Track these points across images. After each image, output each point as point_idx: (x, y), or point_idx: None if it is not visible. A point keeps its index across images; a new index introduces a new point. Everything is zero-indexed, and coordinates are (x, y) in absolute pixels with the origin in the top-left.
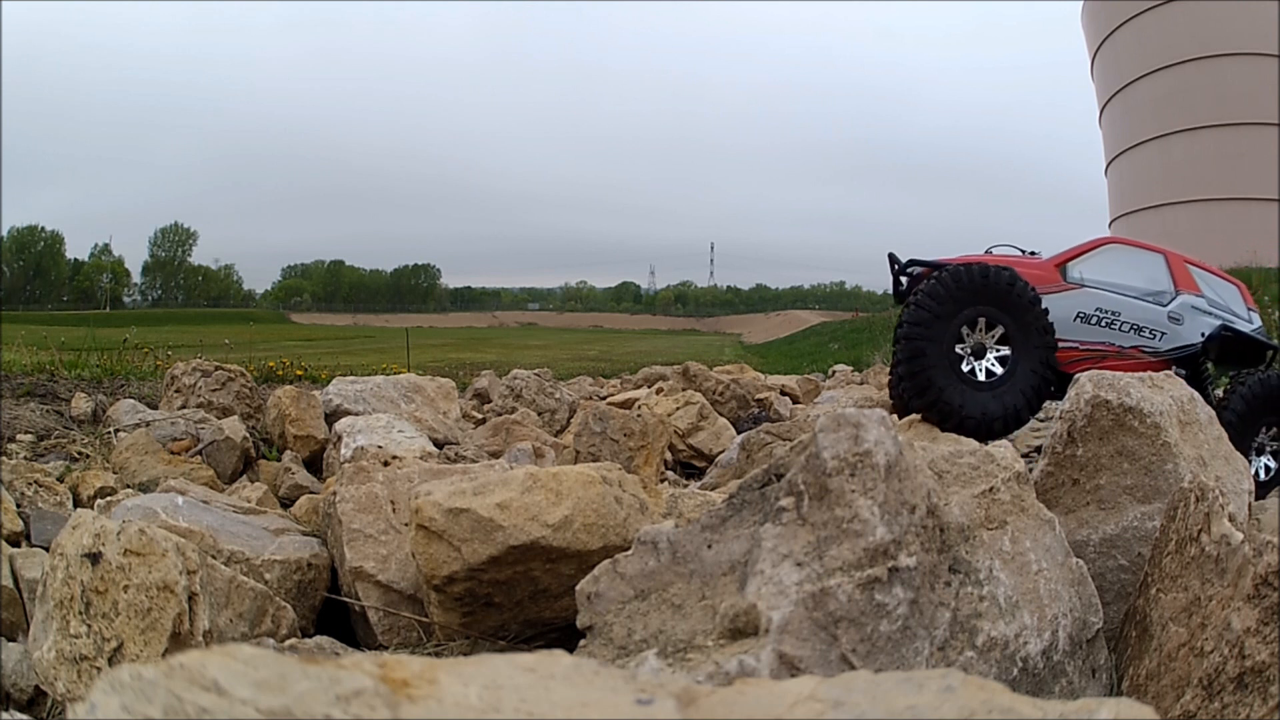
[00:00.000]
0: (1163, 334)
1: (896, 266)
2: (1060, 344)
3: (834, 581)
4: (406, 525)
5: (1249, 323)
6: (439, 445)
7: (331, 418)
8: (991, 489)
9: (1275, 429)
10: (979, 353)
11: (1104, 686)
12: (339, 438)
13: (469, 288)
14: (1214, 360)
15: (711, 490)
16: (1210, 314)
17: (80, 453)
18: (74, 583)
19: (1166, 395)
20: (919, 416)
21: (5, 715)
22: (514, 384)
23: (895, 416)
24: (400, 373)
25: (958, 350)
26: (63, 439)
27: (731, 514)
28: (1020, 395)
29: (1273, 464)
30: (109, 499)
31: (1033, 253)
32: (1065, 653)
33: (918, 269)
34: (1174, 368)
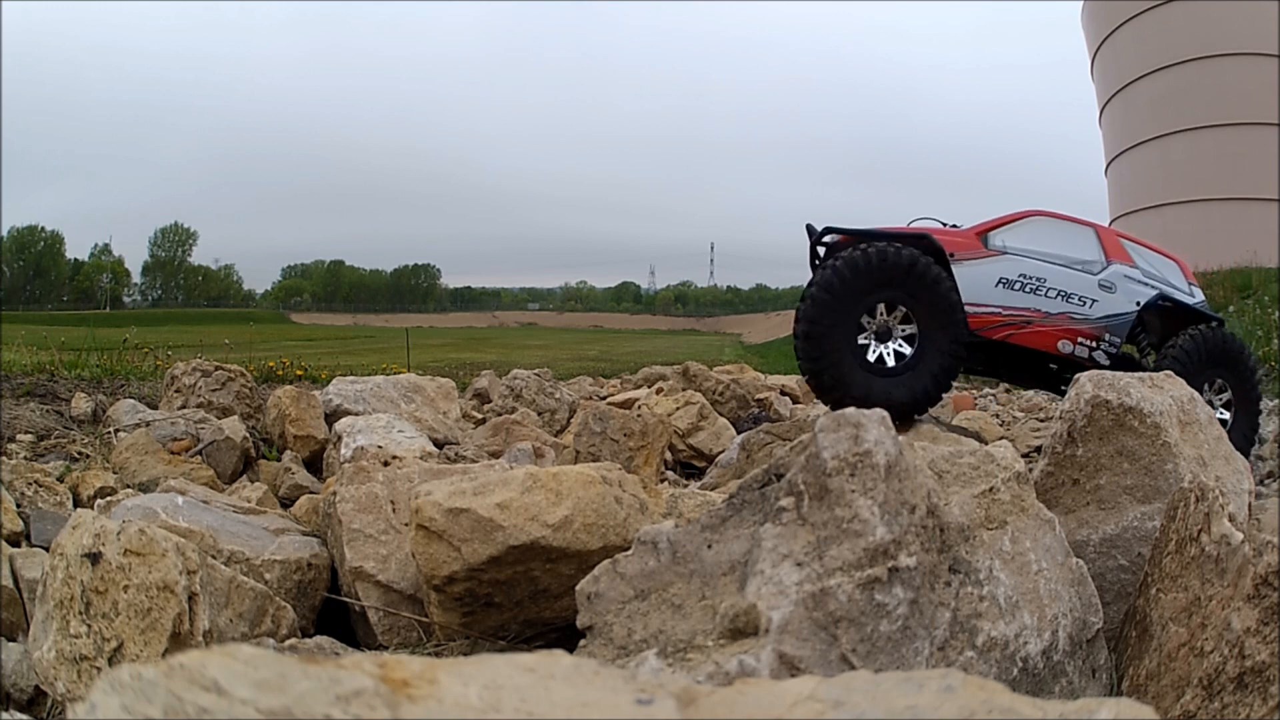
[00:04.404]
0: (1093, 301)
1: (813, 237)
2: (980, 309)
3: (834, 581)
4: (406, 525)
5: (1190, 296)
6: (439, 445)
7: (331, 418)
8: (991, 489)
9: (1220, 386)
10: (884, 336)
11: (1104, 686)
12: (339, 438)
13: (469, 288)
14: (1157, 335)
15: (711, 490)
16: (1146, 284)
17: (80, 453)
18: (74, 583)
19: (1166, 395)
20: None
21: (5, 715)
22: (514, 384)
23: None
24: (400, 373)
25: (860, 339)
26: (63, 439)
27: (731, 514)
28: (929, 378)
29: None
30: (109, 499)
31: (954, 225)
32: (1065, 653)
33: (835, 237)
34: (1107, 335)
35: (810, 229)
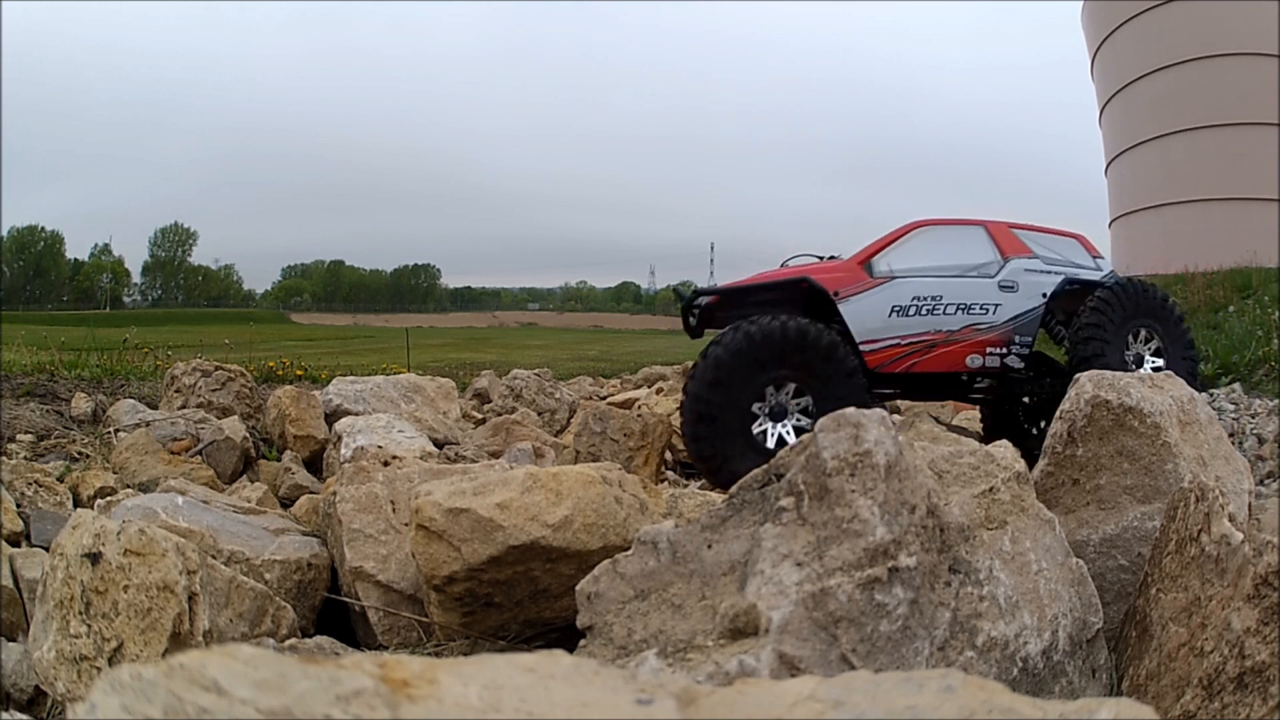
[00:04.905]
0: (996, 306)
1: (682, 302)
2: (877, 344)
3: (834, 581)
4: (406, 525)
5: (1097, 271)
6: (439, 445)
7: (331, 418)
8: (991, 489)
9: (1146, 335)
10: (778, 415)
11: (1104, 686)
12: (339, 438)
13: (469, 288)
14: (1069, 315)
15: (711, 490)
16: (1049, 272)
17: (80, 453)
18: (74, 583)
19: (1166, 395)
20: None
21: (5, 715)
22: (514, 384)
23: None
24: (400, 373)
25: (754, 425)
26: (63, 439)
27: (731, 514)
28: None
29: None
30: (109, 499)
31: (833, 257)
32: (1065, 653)
33: (706, 299)
34: (1017, 337)
35: (678, 293)
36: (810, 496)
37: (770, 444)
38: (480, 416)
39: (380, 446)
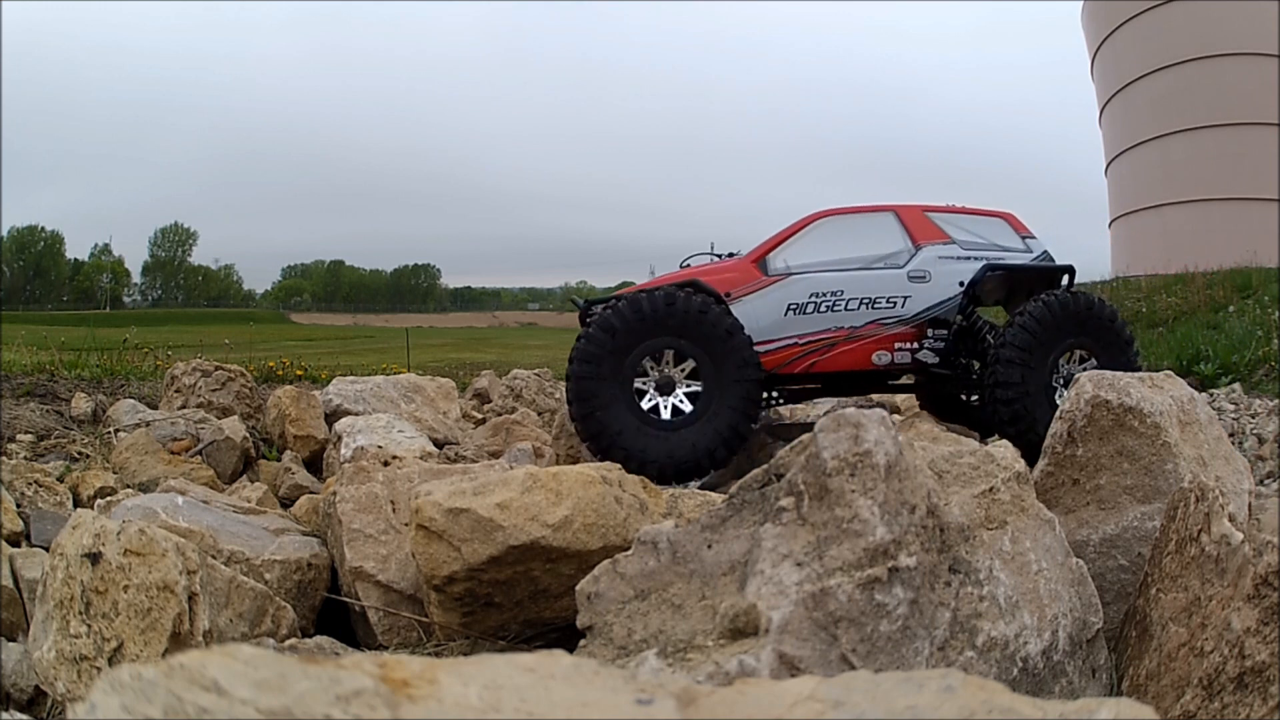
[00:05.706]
0: (905, 298)
1: (579, 312)
2: (774, 345)
3: (834, 581)
4: (406, 525)
5: (1027, 252)
6: (439, 445)
7: (331, 418)
8: (991, 489)
9: (1080, 353)
10: (666, 388)
11: (1104, 686)
12: (339, 438)
13: (469, 288)
14: (1000, 303)
15: (711, 490)
16: (968, 259)
17: (80, 453)
18: (74, 583)
19: (1166, 395)
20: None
21: (5, 715)
22: (514, 384)
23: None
24: (400, 373)
25: (638, 386)
26: (63, 439)
27: (731, 514)
28: (715, 433)
29: None
30: (109, 499)
31: (731, 254)
32: (1065, 653)
33: (602, 306)
34: (930, 330)
35: (575, 303)
36: (810, 496)
37: (666, 415)
38: (480, 416)
39: (380, 446)
